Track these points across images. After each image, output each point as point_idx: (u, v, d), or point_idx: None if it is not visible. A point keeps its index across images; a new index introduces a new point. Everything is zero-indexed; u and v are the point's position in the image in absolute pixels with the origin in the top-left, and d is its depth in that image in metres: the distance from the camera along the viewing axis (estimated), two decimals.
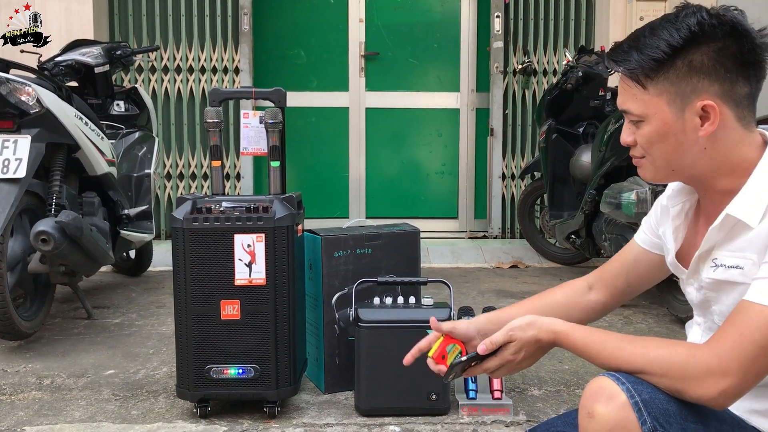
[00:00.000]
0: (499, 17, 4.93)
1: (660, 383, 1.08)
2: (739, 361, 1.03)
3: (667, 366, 1.07)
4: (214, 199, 2.00)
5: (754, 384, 1.06)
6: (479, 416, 2.01)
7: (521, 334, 1.17)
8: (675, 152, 1.14)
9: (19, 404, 2.14)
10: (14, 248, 2.61)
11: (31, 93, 2.57)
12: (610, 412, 1.06)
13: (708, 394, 1.05)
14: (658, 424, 1.05)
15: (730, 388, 1.04)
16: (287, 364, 1.96)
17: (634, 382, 1.08)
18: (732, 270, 1.11)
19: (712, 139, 1.12)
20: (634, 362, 1.10)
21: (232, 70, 4.88)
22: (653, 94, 1.12)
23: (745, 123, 1.12)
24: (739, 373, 1.03)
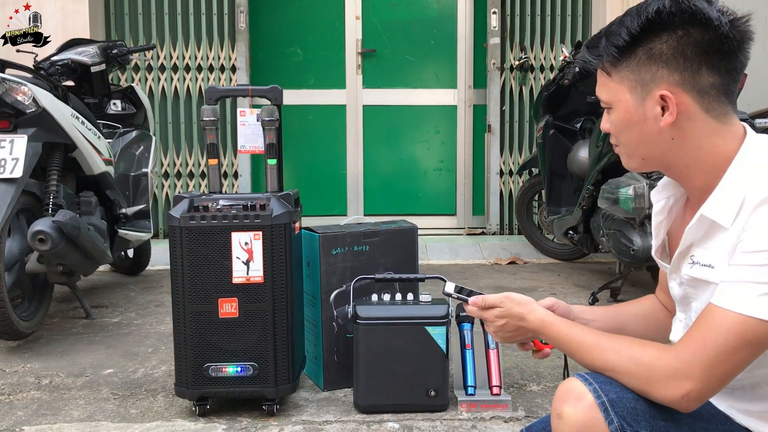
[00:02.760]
0: (495, 13, 4.92)
1: (628, 383, 1.09)
2: (702, 366, 1.03)
3: (635, 366, 1.08)
4: (211, 198, 1.99)
5: (719, 388, 1.05)
6: (478, 412, 2.01)
7: (511, 305, 1.27)
8: (640, 141, 1.14)
9: (17, 404, 2.13)
10: (11, 248, 2.61)
11: (28, 92, 2.56)
12: (576, 413, 1.07)
13: (671, 397, 1.05)
14: (626, 423, 1.06)
15: (693, 392, 1.04)
16: (286, 361, 1.96)
17: (602, 383, 1.09)
18: (705, 269, 1.11)
19: (678, 129, 1.11)
20: (607, 360, 1.12)
21: (229, 69, 4.88)
22: (616, 81, 1.13)
23: (717, 115, 1.10)
24: (702, 377, 1.03)
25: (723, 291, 1.04)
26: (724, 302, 1.03)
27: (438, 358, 1.99)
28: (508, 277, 3.93)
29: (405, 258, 2.27)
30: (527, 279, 3.86)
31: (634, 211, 3.00)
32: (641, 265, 3.09)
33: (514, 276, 3.95)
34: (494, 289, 3.62)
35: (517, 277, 3.93)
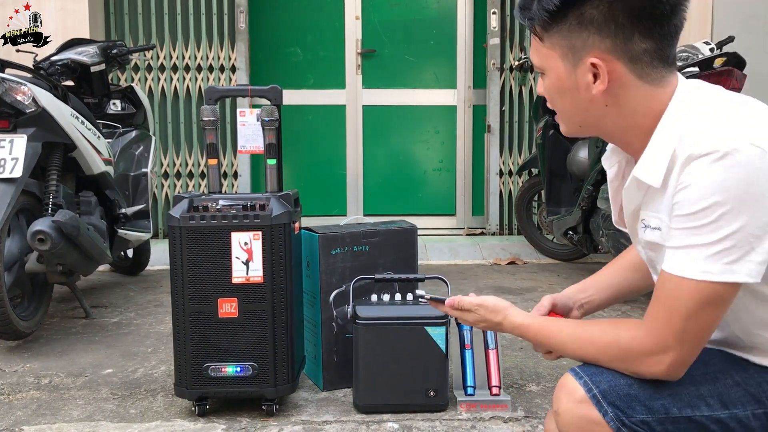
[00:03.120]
0: (495, 14, 4.92)
1: (614, 368, 1.11)
2: (674, 335, 1.04)
3: (615, 352, 1.10)
4: (210, 198, 2.00)
5: (698, 348, 1.06)
6: (477, 412, 2.01)
7: (485, 313, 1.32)
8: (575, 108, 1.13)
9: (17, 404, 2.13)
10: (11, 248, 2.61)
11: (27, 92, 2.56)
12: (570, 408, 1.09)
13: (657, 372, 1.07)
14: (620, 411, 1.08)
15: (675, 362, 1.05)
16: (285, 361, 1.96)
17: (593, 374, 1.10)
18: (655, 231, 1.11)
19: (611, 96, 1.09)
20: (587, 351, 1.14)
21: (229, 69, 4.88)
22: (548, 47, 1.12)
23: (652, 80, 1.08)
24: (678, 346, 1.04)
25: (671, 257, 1.04)
26: (675, 269, 1.03)
27: (437, 359, 1.99)
28: (508, 277, 3.93)
29: (404, 258, 2.27)
30: (527, 279, 3.86)
31: None
32: None
33: (514, 276, 3.95)
34: (493, 289, 3.62)
35: (516, 277, 3.93)
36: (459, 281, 3.79)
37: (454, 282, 3.66)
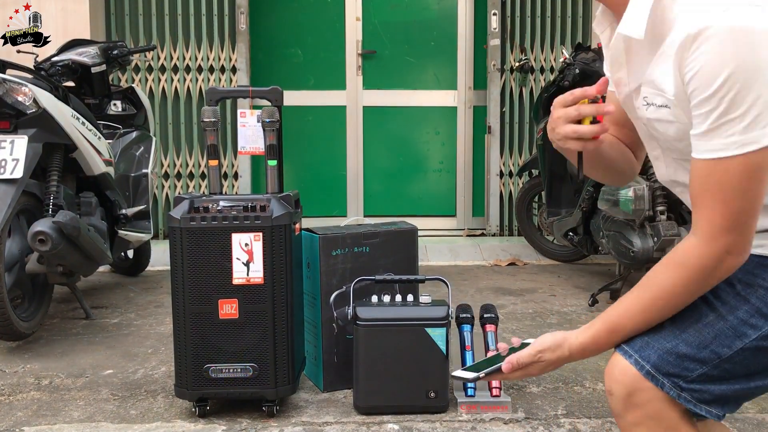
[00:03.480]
0: (495, 15, 4.93)
1: (699, 292, 1.08)
2: (734, 220, 1.03)
3: (689, 281, 1.07)
4: (211, 199, 2.00)
5: (756, 223, 1.05)
6: (478, 414, 2.01)
7: (549, 356, 1.17)
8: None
9: (17, 404, 2.13)
10: (12, 249, 2.61)
11: (28, 93, 2.56)
12: (624, 387, 1.09)
13: (736, 264, 1.05)
14: (676, 377, 1.08)
15: (743, 245, 1.04)
16: (286, 362, 1.96)
17: (641, 349, 1.09)
18: (662, 110, 1.09)
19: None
20: (665, 306, 1.10)
21: (229, 69, 4.88)
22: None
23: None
24: (741, 228, 1.03)
25: (704, 143, 1.02)
26: (715, 152, 1.01)
27: (438, 360, 1.99)
28: (508, 278, 3.93)
29: (405, 259, 2.27)
30: (527, 280, 3.87)
31: (634, 213, 3.00)
32: (641, 267, 3.09)
33: (514, 277, 3.95)
34: (494, 290, 3.62)
35: (516, 278, 3.93)
36: (459, 282, 3.79)
37: (454, 283, 3.66)
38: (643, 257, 2.98)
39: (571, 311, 3.19)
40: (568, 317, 3.08)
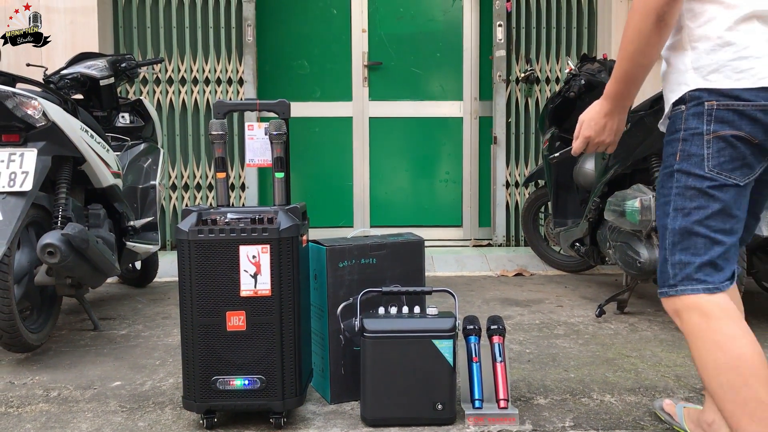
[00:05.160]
0: (501, 26, 4.95)
1: (643, 33, 1.51)
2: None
3: (632, 22, 1.52)
4: (219, 211, 2.01)
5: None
6: (485, 426, 2.01)
7: (583, 115, 1.76)
8: None
9: (26, 416, 2.14)
10: (21, 261, 2.63)
11: (37, 106, 2.59)
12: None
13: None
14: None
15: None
16: (293, 374, 1.96)
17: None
18: None
19: None
20: (629, 61, 1.57)
21: (236, 81, 4.91)
22: None
23: None
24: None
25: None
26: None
27: (445, 372, 1.99)
28: (515, 288, 3.92)
29: (412, 270, 2.28)
30: (534, 291, 3.86)
31: (641, 224, 3.00)
32: (648, 278, 3.09)
33: (521, 288, 3.95)
34: (501, 301, 3.62)
35: (523, 288, 3.93)
36: (466, 293, 3.79)
37: (460, 293, 3.66)
38: (649, 268, 2.97)
39: (578, 322, 3.18)
40: (575, 328, 3.07)
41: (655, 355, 2.66)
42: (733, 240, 1.56)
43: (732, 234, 1.56)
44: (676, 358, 2.63)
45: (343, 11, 5.12)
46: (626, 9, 4.79)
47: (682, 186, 1.56)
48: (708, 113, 1.51)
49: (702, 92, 1.52)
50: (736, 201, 1.55)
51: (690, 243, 1.56)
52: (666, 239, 1.58)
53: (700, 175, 1.53)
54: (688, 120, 1.54)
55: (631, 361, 2.59)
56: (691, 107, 1.53)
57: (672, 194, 1.58)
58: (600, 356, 2.65)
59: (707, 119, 1.51)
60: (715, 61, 1.50)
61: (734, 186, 1.53)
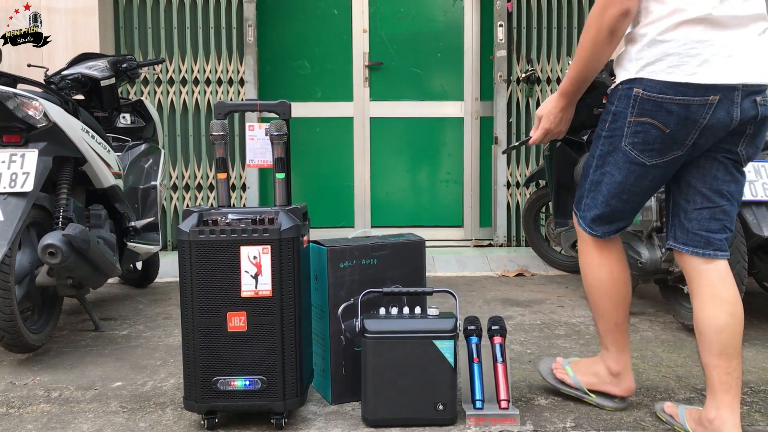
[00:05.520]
0: (502, 26, 4.95)
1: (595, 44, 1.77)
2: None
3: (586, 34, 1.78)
4: (220, 212, 2.01)
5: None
6: (486, 426, 2.01)
7: (539, 109, 2.00)
8: None
9: (27, 417, 2.14)
10: (22, 261, 2.63)
11: (38, 107, 2.59)
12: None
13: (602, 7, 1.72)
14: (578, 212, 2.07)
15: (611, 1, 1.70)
16: (294, 375, 1.97)
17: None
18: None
19: None
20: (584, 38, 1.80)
21: (237, 82, 4.91)
22: None
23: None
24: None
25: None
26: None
27: (446, 372, 1.99)
28: (516, 289, 3.92)
29: (413, 271, 2.28)
30: (535, 291, 3.86)
31: (642, 224, 3.00)
32: (649, 278, 3.09)
33: (522, 288, 3.95)
34: (501, 301, 3.62)
35: (524, 289, 3.93)
36: (467, 293, 3.79)
37: (461, 294, 3.66)
38: (650, 268, 2.97)
39: (579, 322, 3.18)
40: (576, 328, 3.07)
41: (656, 356, 2.66)
42: (627, 207, 1.93)
43: (627, 203, 1.92)
44: (677, 359, 2.62)
45: (344, 11, 5.12)
46: None
47: (605, 151, 1.89)
48: (634, 99, 1.76)
49: (636, 80, 1.75)
50: (638, 178, 1.86)
51: (595, 194, 1.95)
52: (587, 181, 1.98)
53: (617, 148, 1.85)
54: (620, 99, 1.81)
55: (632, 362, 2.59)
56: (625, 89, 1.79)
57: (597, 153, 1.93)
58: None
59: (632, 103, 1.77)
60: (653, 54, 1.71)
61: (641, 164, 1.83)
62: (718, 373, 1.80)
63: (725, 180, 1.85)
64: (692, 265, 1.87)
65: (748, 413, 2.11)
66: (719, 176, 1.84)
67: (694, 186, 1.86)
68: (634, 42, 1.76)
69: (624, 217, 1.96)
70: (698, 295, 1.85)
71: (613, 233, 1.99)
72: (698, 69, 1.67)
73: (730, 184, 1.85)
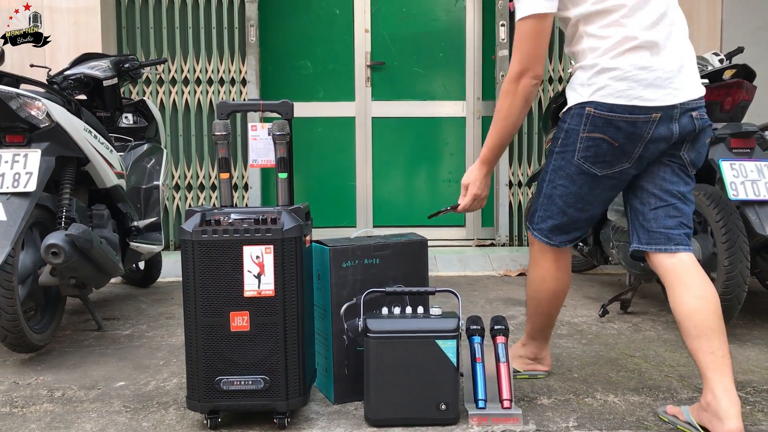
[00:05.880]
0: (504, 25, 4.94)
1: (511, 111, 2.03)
2: (519, 59, 1.97)
3: (502, 101, 2.04)
4: (222, 211, 2.01)
5: (535, 62, 1.97)
6: (489, 426, 2.01)
7: (465, 177, 2.21)
8: None
9: (30, 417, 2.15)
10: (25, 261, 2.63)
11: (41, 107, 2.59)
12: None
13: (516, 77, 1.98)
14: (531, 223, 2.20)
15: (522, 70, 1.97)
16: (297, 374, 1.97)
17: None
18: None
19: None
20: (500, 132, 2.09)
21: (239, 82, 4.91)
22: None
23: None
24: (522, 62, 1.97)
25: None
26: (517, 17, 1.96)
27: (448, 372, 1.99)
28: (518, 288, 3.92)
29: (415, 271, 2.28)
30: None
31: None
32: (651, 278, 3.08)
33: (524, 288, 3.94)
34: (504, 301, 3.61)
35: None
36: (469, 293, 3.79)
37: (464, 293, 3.66)
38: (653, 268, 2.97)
39: (581, 322, 3.18)
40: (578, 328, 3.07)
41: (659, 355, 2.66)
42: (582, 216, 2.09)
43: (582, 212, 2.08)
44: (679, 358, 2.62)
45: (346, 11, 5.12)
46: None
47: (557, 166, 2.06)
48: (586, 117, 1.95)
49: (588, 102, 1.94)
50: (591, 187, 2.03)
51: (550, 207, 2.11)
52: (540, 196, 2.14)
53: (570, 162, 2.02)
54: (573, 117, 1.99)
55: (634, 361, 2.59)
56: (577, 109, 1.97)
57: (549, 168, 2.10)
58: (603, 356, 2.65)
59: (584, 121, 1.95)
60: (603, 81, 1.92)
61: (592, 175, 2.00)
62: (702, 354, 1.89)
63: (673, 181, 2.02)
64: (659, 262, 2.02)
65: (752, 413, 2.10)
66: (667, 178, 2.02)
67: (646, 189, 2.04)
68: (585, 70, 1.96)
69: (579, 227, 2.13)
70: (670, 288, 2.00)
71: (569, 242, 2.16)
72: (643, 92, 1.89)
73: (679, 185, 2.03)
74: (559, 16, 2.01)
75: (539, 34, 1.95)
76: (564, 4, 1.97)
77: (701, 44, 4.72)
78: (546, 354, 2.41)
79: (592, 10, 1.93)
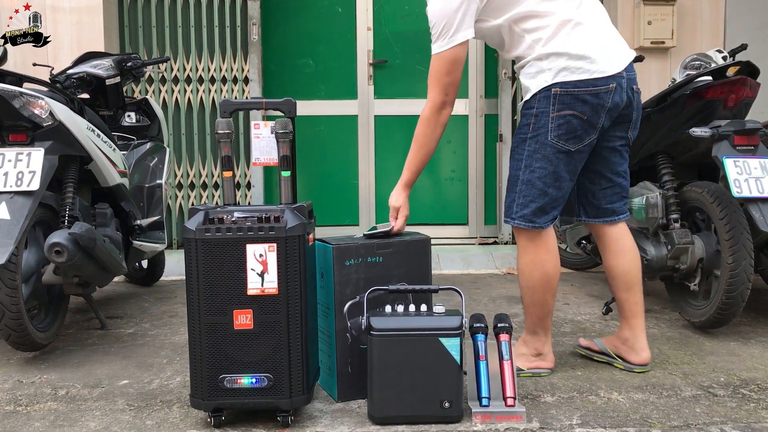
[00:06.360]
0: None
1: (429, 138, 2.36)
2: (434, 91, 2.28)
3: (423, 125, 2.34)
4: (226, 210, 2.01)
5: (451, 94, 2.30)
6: (492, 424, 2.01)
7: (394, 201, 2.43)
8: None
9: (35, 415, 2.15)
10: (28, 260, 2.64)
11: (44, 106, 2.59)
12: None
13: (435, 108, 2.33)
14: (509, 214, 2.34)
15: (442, 103, 2.29)
16: (300, 372, 1.97)
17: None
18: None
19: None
20: (418, 155, 2.40)
21: (242, 80, 4.91)
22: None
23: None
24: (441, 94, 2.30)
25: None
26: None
27: (452, 370, 1.99)
28: None
29: (418, 269, 2.28)
30: None
31: (648, 221, 2.99)
32: (655, 275, 3.08)
33: None
34: (507, 299, 3.61)
35: None
36: (472, 291, 3.78)
37: (467, 292, 3.66)
38: (656, 265, 2.97)
39: (584, 320, 3.18)
40: (581, 326, 3.07)
41: (662, 353, 2.66)
42: (559, 194, 2.23)
43: (559, 189, 2.22)
44: (683, 356, 2.62)
45: (348, 9, 5.11)
46: (631, 5, 4.78)
47: (532, 149, 2.19)
48: (554, 97, 2.12)
49: (553, 84, 2.11)
50: (567, 165, 2.19)
51: (530, 191, 2.22)
52: (516, 185, 2.26)
53: (545, 143, 2.16)
54: (540, 101, 2.14)
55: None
56: (543, 93, 2.13)
57: (524, 155, 2.21)
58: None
59: (553, 101, 2.12)
60: (560, 64, 2.11)
61: (567, 152, 2.17)
62: (629, 304, 2.39)
63: (619, 162, 2.33)
64: (599, 228, 2.40)
65: (755, 410, 2.10)
66: (616, 161, 2.32)
67: (599, 172, 2.32)
68: (540, 59, 2.15)
69: (558, 204, 2.27)
70: (606, 250, 2.40)
71: (551, 221, 2.29)
72: (598, 65, 2.11)
73: (623, 164, 2.34)
74: (485, 28, 2.21)
75: (460, 63, 2.23)
76: (483, 18, 2.19)
77: (704, 42, 4.71)
78: (549, 350, 2.41)
79: (522, 11, 2.14)
